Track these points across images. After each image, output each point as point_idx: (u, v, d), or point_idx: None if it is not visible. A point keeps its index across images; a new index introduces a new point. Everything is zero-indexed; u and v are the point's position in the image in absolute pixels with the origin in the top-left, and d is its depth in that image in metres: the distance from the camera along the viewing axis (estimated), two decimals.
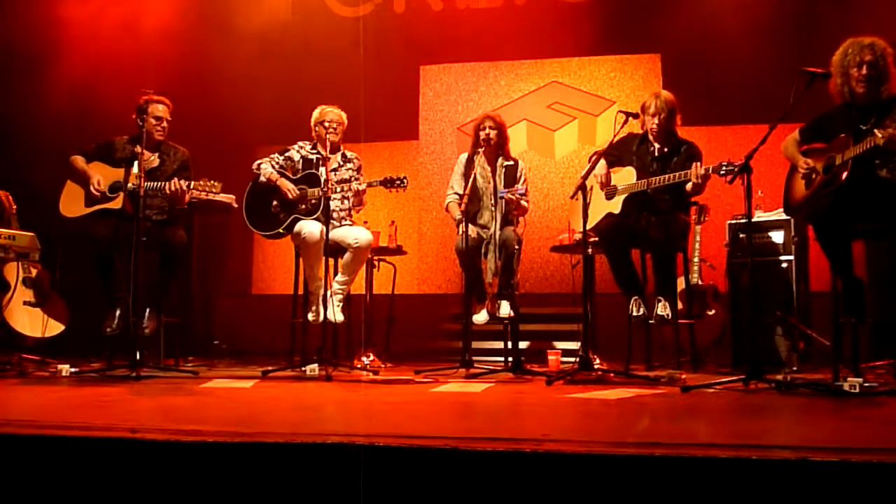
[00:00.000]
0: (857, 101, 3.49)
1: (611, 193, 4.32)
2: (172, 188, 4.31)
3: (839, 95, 3.54)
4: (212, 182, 4.31)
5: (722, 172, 3.81)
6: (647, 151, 4.36)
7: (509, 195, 4.52)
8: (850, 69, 3.45)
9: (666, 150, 4.31)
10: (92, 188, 4.40)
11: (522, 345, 4.83)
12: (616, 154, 4.34)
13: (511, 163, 4.83)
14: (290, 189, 4.60)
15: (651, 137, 4.33)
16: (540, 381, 3.80)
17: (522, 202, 4.65)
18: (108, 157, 4.53)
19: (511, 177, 4.77)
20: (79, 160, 4.52)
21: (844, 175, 3.39)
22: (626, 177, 4.30)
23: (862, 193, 3.39)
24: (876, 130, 3.28)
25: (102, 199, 4.43)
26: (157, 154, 4.55)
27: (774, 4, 6.11)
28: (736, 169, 3.73)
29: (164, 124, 4.51)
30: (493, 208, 4.73)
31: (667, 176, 4.13)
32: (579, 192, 3.93)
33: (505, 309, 4.55)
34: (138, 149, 4.14)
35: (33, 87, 5.80)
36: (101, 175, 4.45)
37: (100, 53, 5.94)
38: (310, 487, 1.78)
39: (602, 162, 4.25)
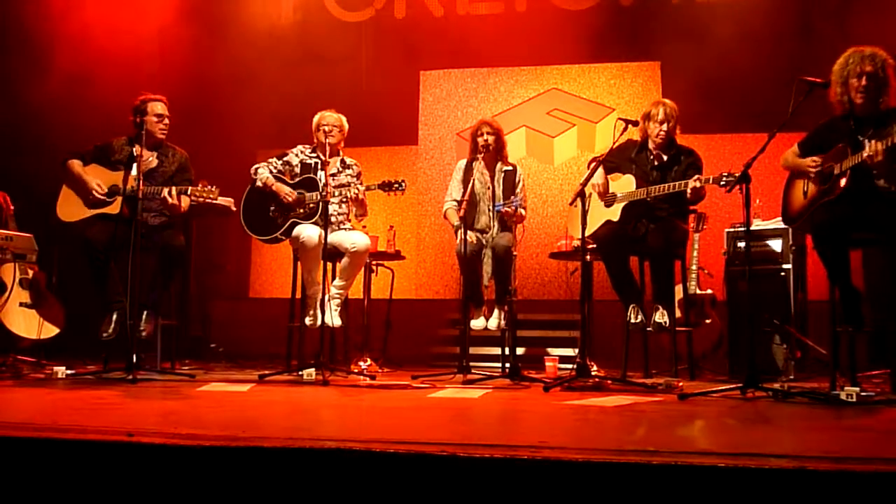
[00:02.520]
0: (856, 112, 3.48)
1: (610, 201, 4.32)
2: (170, 202, 4.26)
3: (839, 105, 3.52)
4: (209, 188, 4.27)
5: (722, 183, 3.77)
6: (646, 159, 4.35)
7: (506, 209, 4.52)
8: (851, 79, 3.43)
9: (666, 158, 4.31)
10: (95, 193, 4.33)
11: (520, 351, 4.83)
12: (615, 161, 4.35)
13: (510, 168, 4.84)
14: (287, 193, 4.58)
15: (652, 145, 4.33)
16: (537, 388, 3.80)
17: (520, 211, 4.66)
18: (106, 159, 4.47)
19: (510, 182, 4.78)
20: (75, 164, 4.42)
21: (843, 184, 3.40)
22: (625, 185, 4.30)
23: (860, 203, 3.40)
24: (867, 143, 3.29)
25: (100, 204, 4.37)
26: (155, 154, 4.49)
27: (774, 14, 6.13)
28: (735, 180, 3.73)
29: (166, 121, 4.44)
30: (489, 213, 4.74)
31: (666, 185, 4.13)
32: (578, 199, 3.93)
33: (493, 323, 4.59)
34: (137, 149, 4.11)
35: (30, 87, 5.79)
36: (99, 179, 4.38)
37: (99, 55, 5.94)
38: (306, 492, 1.78)
39: (600, 170, 4.24)
